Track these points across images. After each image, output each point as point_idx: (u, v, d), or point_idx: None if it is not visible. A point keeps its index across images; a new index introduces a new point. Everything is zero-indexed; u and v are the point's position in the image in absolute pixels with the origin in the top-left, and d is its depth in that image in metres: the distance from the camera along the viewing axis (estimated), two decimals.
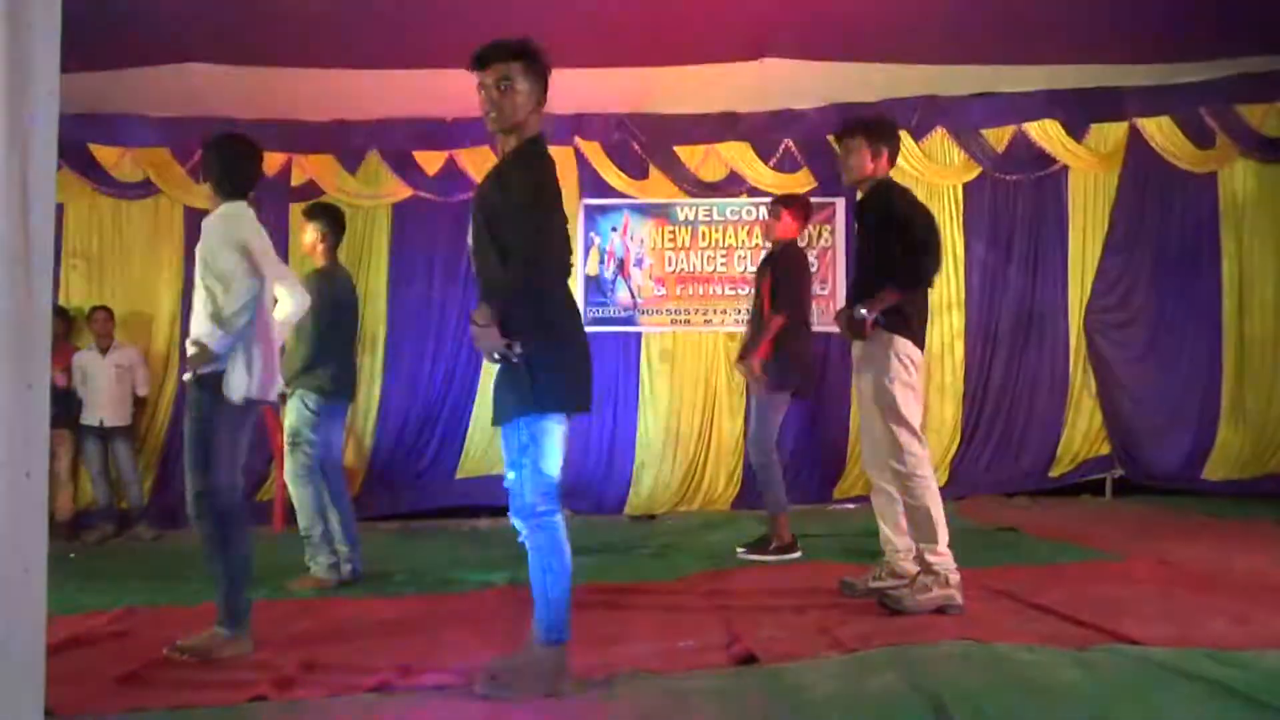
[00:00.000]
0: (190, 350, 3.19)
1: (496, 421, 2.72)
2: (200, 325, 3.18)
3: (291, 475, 4.33)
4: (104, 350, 6.41)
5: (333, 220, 4.55)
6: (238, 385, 3.14)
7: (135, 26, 5.20)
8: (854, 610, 3.53)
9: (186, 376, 3.21)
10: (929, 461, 3.58)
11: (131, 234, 6.90)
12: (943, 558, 3.47)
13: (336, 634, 3.43)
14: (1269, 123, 6.69)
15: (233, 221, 3.25)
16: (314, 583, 4.24)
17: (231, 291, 3.12)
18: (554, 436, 2.65)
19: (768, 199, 6.73)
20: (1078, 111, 6.85)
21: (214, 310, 3.14)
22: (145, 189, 6.88)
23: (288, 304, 3.63)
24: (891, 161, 3.78)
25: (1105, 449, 6.91)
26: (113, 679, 2.85)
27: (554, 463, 2.66)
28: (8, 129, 1.35)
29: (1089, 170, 6.99)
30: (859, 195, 3.90)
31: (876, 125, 3.81)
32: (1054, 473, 6.92)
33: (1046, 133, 6.89)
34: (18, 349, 1.35)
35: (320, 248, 4.50)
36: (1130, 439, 6.88)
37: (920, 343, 3.64)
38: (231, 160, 3.34)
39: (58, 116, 1.44)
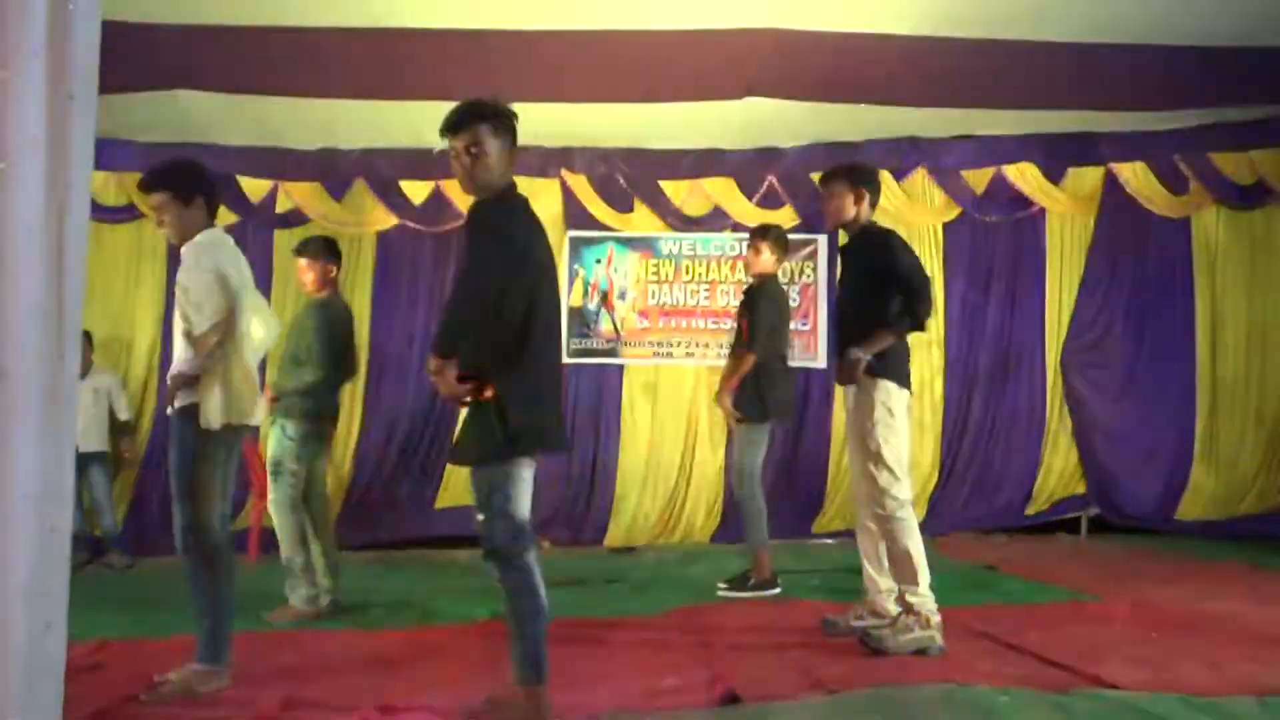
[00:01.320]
0: (170, 381, 3.19)
1: (461, 461, 2.73)
2: (179, 353, 3.19)
3: (276, 505, 4.31)
4: (82, 374, 6.31)
5: (329, 253, 4.58)
6: (212, 412, 3.11)
7: (124, 53, 5.20)
8: (835, 650, 3.55)
9: (170, 409, 3.19)
10: (910, 504, 3.62)
11: (113, 258, 6.86)
12: (924, 599, 3.51)
13: (316, 668, 3.40)
14: (1240, 171, 6.84)
15: (213, 248, 3.25)
16: (293, 614, 4.21)
17: (204, 312, 3.12)
18: (523, 478, 2.68)
19: None
20: (1055, 155, 6.99)
21: (185, 331, 3.14)
22: (129, 213, 6.85)
23: (259, 332, 3.63)
24: (873, 205, 3.86)
25: (1081, 488, 6.99)
26: (88, 715, 2.81)
27: (524, 504, 2.68)
28: (47, 198, 1.38)
29: (1066, 213, 7.11)
30: (843, 238, 3.97)
31: (858, 171, 3.90)
32: (1030, 510, 6.97)
33: (1024, 175, 7.01)
34: (49, 411, 1.37)
35: (322, 280, 4.52)
36: (1105, 478, 6.96)
37: (906, 385, 3.69)
38: (209, 184, 3.35)
39: (90, 186, 1.47)
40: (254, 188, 6.95)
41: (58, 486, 1.39)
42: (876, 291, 3.67)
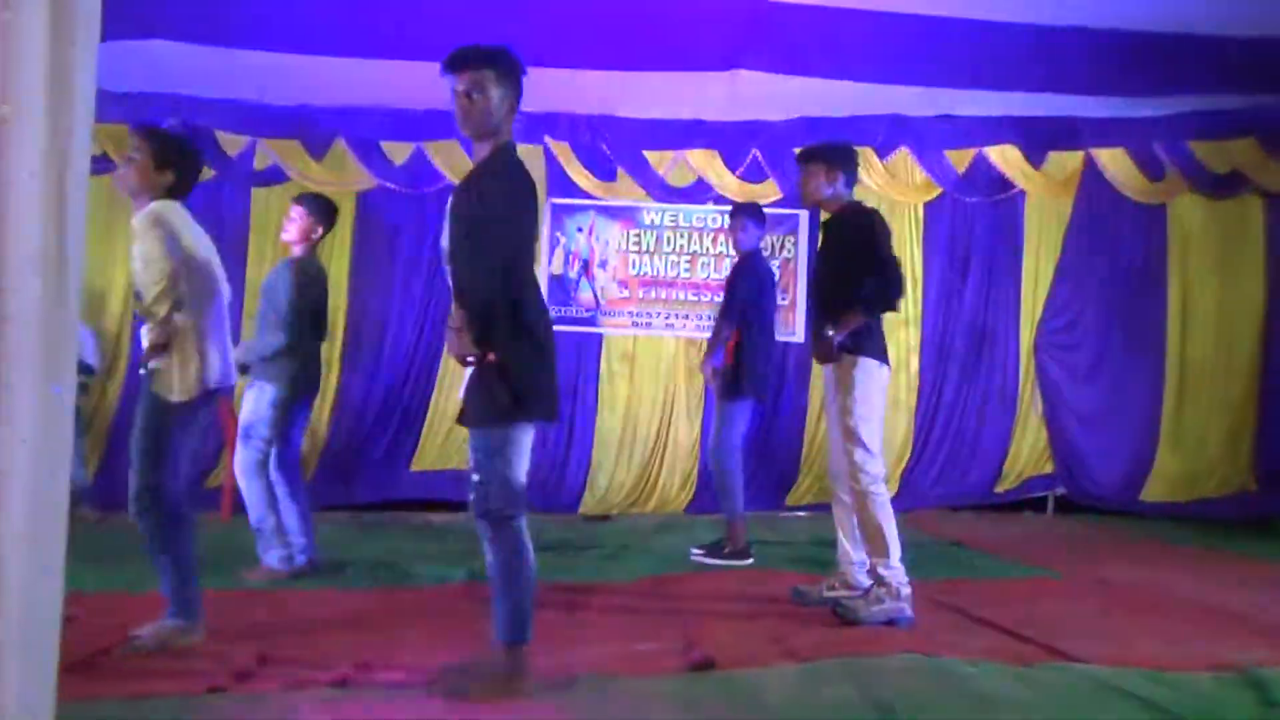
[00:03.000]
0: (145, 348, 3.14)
1: (468, 423, 2.73)
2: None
3: (242, 469, 4.24)
4: None
5: (325, 214, 4.51)
6: (174, 384, 3.08)
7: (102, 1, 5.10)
8: (806, 619, 3.61)
9: (143, 370, 3.16)
10: (883, 479, 3.68)
11: (87, 209, 6.73)
12: (894, 571, 3.57)
13: (291, 627, 3.41)
14: (1216, 160, 6.92)
15: (163, 218, 3.16)
16: (267, 573, 4.20)
17: (150, 282, 3.06)
18: (525, 443, 2.70)
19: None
20: (1036, 138, 7.01)
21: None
22: (102, 165, 6.67)
23: None
24: (849, 184, 3.89)
25: (1049, 467, 7.13)
26: (63, 667, 2.79)
27: (522, 468, 2.70)
28: (48, 144, 1.37)
29: (1044, 196, 7.18)
30: (824, 215, 4.01)
31: (833, 150, 3.94)
32: (999, 488, 7.10)
33: (1005, 157, 7.05)
34: (48, 357, 1.37)
35: (302, 237, 4.45)
36: (1073, 458, 7.09)
37: (886, 360, 3.75)
38: (190, 166, 3.30)
39: (91, 133, 1.46)
40: (231, 143, 6.84)
41: (58, 433, 1.39)
42: (853, 271, 3.71)
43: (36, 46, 1.36)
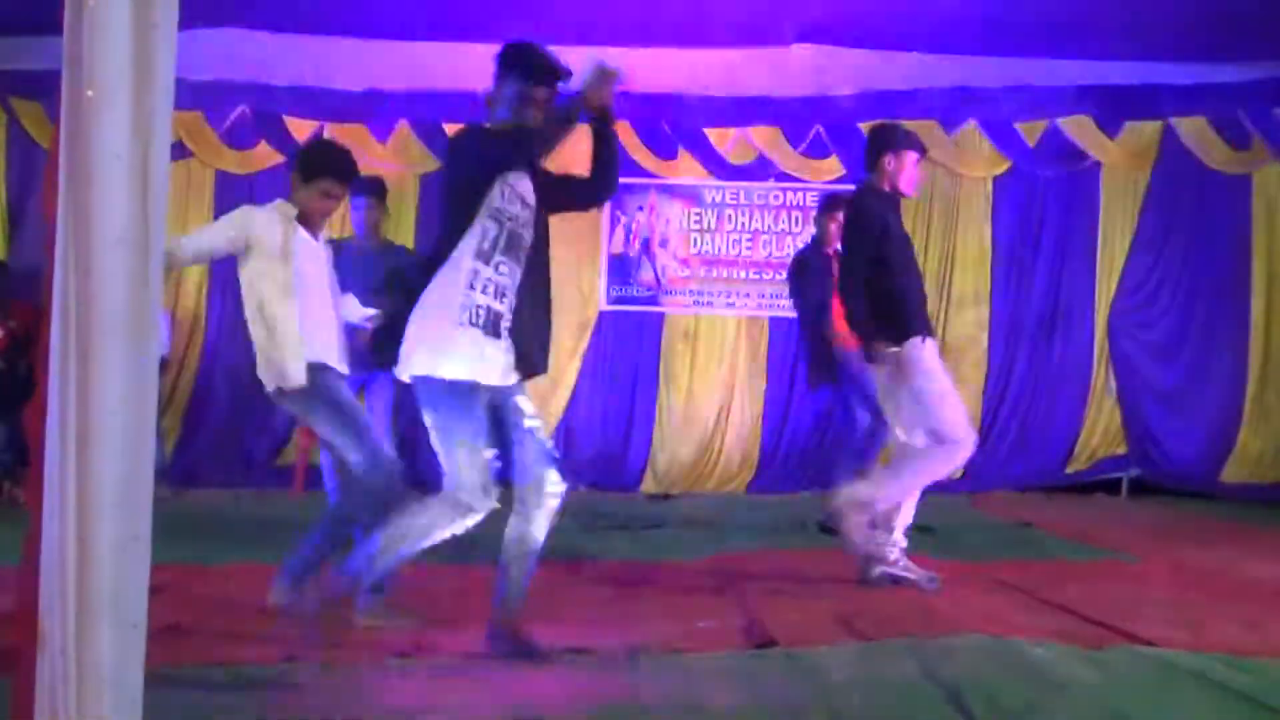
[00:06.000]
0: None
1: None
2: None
3: None
4: None
5: (382, 196, 4.57)
6: None
7: None
8: (871, 599, 3.57)
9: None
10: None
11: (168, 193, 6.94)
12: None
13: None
14: None
15: None
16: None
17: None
18: None
19: (795, 184, 6.79)
20: (1112, 108, 6.79)
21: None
22: (177, 151, 6.91)
23: None
24: None
25: (1123, 448, 6.94)
26: (158, 629, 2.88)
27: None
28: (131, 126, 1.42)
29: (1121, 168, 6.95)
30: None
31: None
32: (1070, 469, 6.95)
33: (1079, 128, 6.84)
34: (135, 331, 1.44)
35: (380, 225, 4.52)
36: (1149, 439, 6.89)
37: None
38: None
39: (171, 111, 1.53)
40: (300, 128, 6.98)
41: (142, 407, 1.47)
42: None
43: (120, 31, 1.42)
